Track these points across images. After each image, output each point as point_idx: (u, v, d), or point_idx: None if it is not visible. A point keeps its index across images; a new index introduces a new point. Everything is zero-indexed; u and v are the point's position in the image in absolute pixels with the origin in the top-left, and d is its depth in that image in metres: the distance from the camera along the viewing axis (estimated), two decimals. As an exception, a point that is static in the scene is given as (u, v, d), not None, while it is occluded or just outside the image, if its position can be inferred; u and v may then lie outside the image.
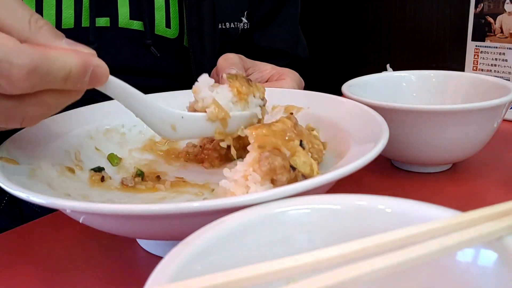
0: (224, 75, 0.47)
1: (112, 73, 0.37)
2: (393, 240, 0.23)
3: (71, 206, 0.31)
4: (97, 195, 0.43)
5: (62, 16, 0.64)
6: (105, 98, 0.54)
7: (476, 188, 0.51)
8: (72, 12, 0.65)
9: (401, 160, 0.55)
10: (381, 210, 0.26)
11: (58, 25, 0.64)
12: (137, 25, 0.69)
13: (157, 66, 0.73)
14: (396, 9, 1.28)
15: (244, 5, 0.78)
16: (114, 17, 0.67)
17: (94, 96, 0.55)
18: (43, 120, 0.47)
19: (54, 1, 0.64)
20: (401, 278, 0.25)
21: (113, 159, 0.49)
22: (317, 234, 0.26)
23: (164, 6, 0.71)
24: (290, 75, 0.62)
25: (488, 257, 0.23)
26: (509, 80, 0.71)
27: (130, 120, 0.53)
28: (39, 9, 0.63)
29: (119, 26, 0.68)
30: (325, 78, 1.39)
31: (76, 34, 0.65)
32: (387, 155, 0.55)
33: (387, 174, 0.55)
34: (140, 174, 0.47)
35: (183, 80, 0.76)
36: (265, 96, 0.52)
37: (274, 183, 0.35)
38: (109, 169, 0.48)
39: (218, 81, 0.59)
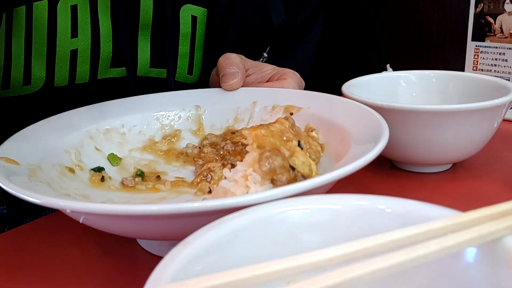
0: None
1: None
2: (393, 240, 0.23)
3: (71, 206, 0.31)
4: (97, 195, 0.43)
5: (77, 71, 0.61)
6: (106, 98, 0.55)
7: (476, 188, 0.51)
8: (88, 66, 0.61)
9: (401, 160, 0.55)
10: (381, 210, 0.26)
11: (72, 80, 0.61)
12: (156, 72, 0.66)
13: None
14: (396, 9, 1.28)
15: (269, 41, 0.75)
16: (132, 65, 0.64)
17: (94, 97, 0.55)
18: (43, 120, 0.48)
19: (69, 58, 0.60)
20: (401, 278, 0.25)
21: (113, 159, 0.49)
22: (317, 234, 0.26)
23: (188, 53, 0.68)
24: (291, 75, 0.62)
25: (488, 257, 0.23)
26: (509, 80, 0.71)
27: (130, 120, 0.53)
28: (50, 66, 0.59)
29: (138, 74, 0.65)
30: (325, 78, 1.39)
31: (90, 88, 0.62)
32: (387, 155, 0.55)
33: (387, 174, 0.55)
34: (140, 174, 0.47)
35: None
36: (266, 98, 0.52)
37: (274, 183, 0.35)
38: (109, 169, 0.48)
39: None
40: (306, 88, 0.61)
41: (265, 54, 0.77)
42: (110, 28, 0.61)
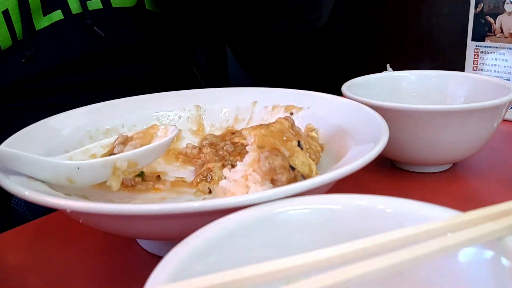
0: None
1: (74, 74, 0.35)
2: (393, 240, 0.23)
3: (71, 206, 0.31)
4: (97, 195, 0.43)
5: (16, 30, 0.63)
6: (105, 98, 0.55)
7: (476, 188, 0.51)
8: (21, 23, 0.63)
9: (401, 160, 0.55)
10: (381, 210, 0.26)
11: (14, 39, 0.62)
12: (95, 3, 0.66)
13: (117, 47, 0.69)
14: (396, 9, 1.28)
15: None
16: (66, 9, 0.65)
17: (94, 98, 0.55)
18: (43, 120, 0.48)
19: (3, 19, 0.62)
20: (401, 278, 0.25)
21: (113, 159, 0.49)
22: (317, 234, 0.26)
23: None
24: None
25: (488, 257, 0.23)
26: (509, 80, 0.71)
27: (130, 120, 0.53)
28: None
29: (73, 12, 0.66)
30: (325, 78, 1.39)
31: (36, 40, 0.64)
32: (387, 155, 0.55)
33: (387, 174, 0.55)
34: (140, 174, 0.47)
35: (152, 52, 0.72)
36: (266, 98, 0.52)
37: (274, 183, 0.35)
38: (109, 169, 0.48)
39: None
40: (306, 88, 0.61)
41: None
42: None
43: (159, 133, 0.44)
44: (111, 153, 0.43)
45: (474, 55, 0.75)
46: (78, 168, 0.39)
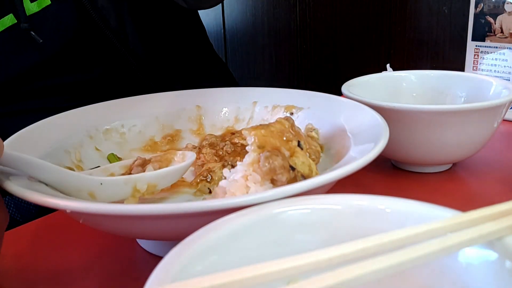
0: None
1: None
2: (393, 240, 0.23)
3: (71, 206, 0.31)
4: (97, 195, 0.43)
5: None
6: (105, 98, 0.55)
7: (476, 188, 0.51)
8: None
9: (401, 160, 0.55)
10: (381, 210, 0.26)
11: None
12: (8, 20, 0.64)
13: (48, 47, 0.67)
14: (396, 9, 1.28)
15: None
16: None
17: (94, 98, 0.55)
18: (43, 120, 0.48)
19: None
20: (401, 278, 0.25)
21: (113, 159, 0.49)
22: (317, 234, 0.26)
23: None
24: None
25: (488, 257, 0.23)
26: (509, 80, 0.71)
27: (130, 120, 0.53)
28: None
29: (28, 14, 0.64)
30: (325, 78, 1.39)
31: None
32: (387, 155, 0.55)
33: (387, 174, 0.55)
34: (140, 174, 0.47)
35: (85, 40, 0.71)
36: (266, 98, 0.52)
37: (274, 183, 0.35)
38: (109, 169, 0.48)
39: None
40: (306, 88, 0.61)
41: None
42: None
43: (177, 158, 0.45)
44: (129, 174, 0.43)
45: (474, 55, 0.75)
46: (101, 183, 0.39)
